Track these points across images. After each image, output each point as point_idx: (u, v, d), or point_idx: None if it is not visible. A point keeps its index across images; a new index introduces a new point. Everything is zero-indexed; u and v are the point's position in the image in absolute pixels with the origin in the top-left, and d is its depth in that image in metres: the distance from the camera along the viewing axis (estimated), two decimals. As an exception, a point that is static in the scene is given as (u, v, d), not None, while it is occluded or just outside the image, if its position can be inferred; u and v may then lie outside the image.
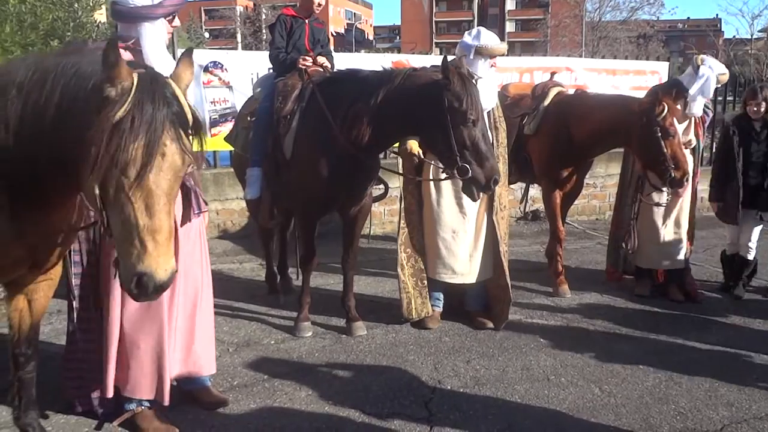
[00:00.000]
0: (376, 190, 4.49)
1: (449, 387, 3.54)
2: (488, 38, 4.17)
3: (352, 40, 53.16)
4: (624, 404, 3.39)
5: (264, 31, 52.34)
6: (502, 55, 4.32)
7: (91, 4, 6.93)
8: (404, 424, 3.15)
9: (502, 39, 4.63)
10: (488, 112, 4.20)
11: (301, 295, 4.32)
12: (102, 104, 1.84)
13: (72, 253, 2.86)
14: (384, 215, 7.22)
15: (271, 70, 6.88)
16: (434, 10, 72.66)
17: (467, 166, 3.50)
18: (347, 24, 69.15)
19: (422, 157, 4.11)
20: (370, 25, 74.63)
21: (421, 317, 4.35)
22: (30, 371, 2.77)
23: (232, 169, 6.71)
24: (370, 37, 72.91)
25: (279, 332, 4.29)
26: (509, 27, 63.94)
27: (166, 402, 2.97)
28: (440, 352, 3.97)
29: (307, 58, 4.28)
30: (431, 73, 3.68)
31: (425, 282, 4.40)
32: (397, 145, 4.32)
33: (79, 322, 2.98)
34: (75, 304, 2.94)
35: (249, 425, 3.13)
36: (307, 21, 4.56)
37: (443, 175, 3.90)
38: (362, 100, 3.75)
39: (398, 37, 71.51)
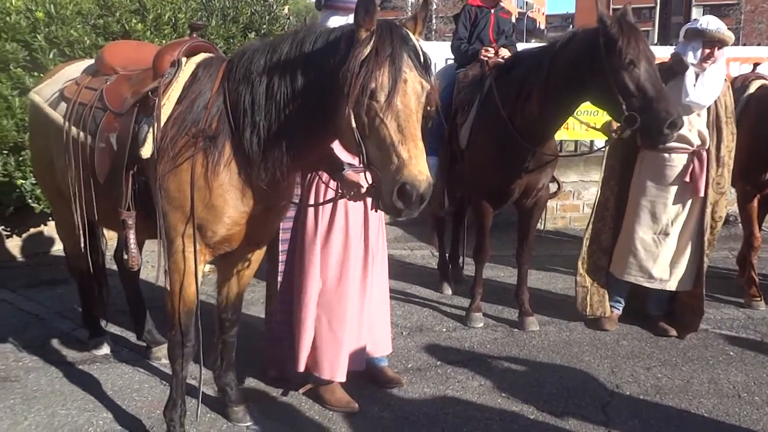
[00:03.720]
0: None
1: (628, 392, 3.39)
2: (710, 22, 3.85)
3: (523, 29, 51.92)
4: (832, 433, 3.06)
5: (434, 21, 52.93)
6: (725, 43, 3.83)
7: (282, -1, 7.33)
8: (580, 425, 3.06)
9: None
10: (708, 109, 3.91)
11: (473, 286, 4.34)
12: (350, 48, 2.11)
13: (282, 231, 3.09)
14: (556, 210, 7.03)
15: (449, 61, 6.98)
16: (612, -3, 69.21)
17: (635, 114, 3.25)
18: (519, 13, 67.54)
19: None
20: (543, 14, 72.41)
21: (596, 315, 4.20)
22: (233, 335, 3.05)
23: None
24: (542, 26, 70.81)
25: (450, 320, 4.34)
26: (695, 13, 59.16)
27: (340, 379, 3.13)
28: (618, 356, 3.81)
29: (489, 49, 4.27)
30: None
31: (606, 281, 4.23)
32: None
33: (281, 295, 3.20)
34: (279, 278, 3.16)
35: (423, 408, 3.21)
36: (492, 11, 4.53)
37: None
38: (529, 78, 3.70)
39: (571, 26, 68.79)
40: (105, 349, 3.78)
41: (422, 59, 2.12)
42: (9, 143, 4.92)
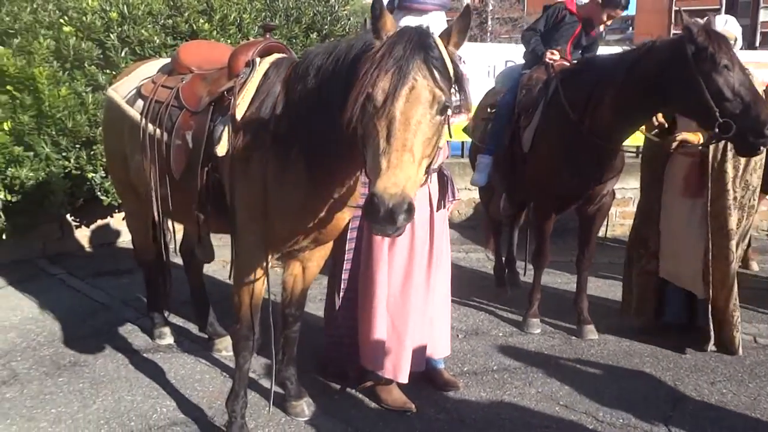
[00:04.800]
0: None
1: (691, 407, 3.30)
2: (719, 22, 3.78)
3: (581, 31, 51.01)
4: None
5: (489, 23, 52.36)
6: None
7: (344, -1, 7.40)
8: (641, 438, 3.01)
9: (754, 30, 4.11)
10: None
11: (531, 291, 4.30)
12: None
13: (349, 230, 3.12)
14: (615, 217, 6.90)
15: (508, 63, 6.93)
16: (674, -1, 67.42)
17: (729, 120, 3.15)
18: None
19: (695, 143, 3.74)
20: (601, 16, 71.06)
21: (640, 321, 4.12)
22: (295, 331, 3.11)
23: (459, 160, 6.88)
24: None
25: (507, 325, 4.31)
26: (763, 16, 57.03)
27: (402, 380, 3.13)
28: (680, 368, 3.72)
29: (554, 52, 4.21)
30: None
31: (653, 286, 4.12)
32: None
33: (345, 293, 3.23)
34: (344, 276, 3.20)
35: (479, 412, 3.20)
36: (581, 24, 4.45)
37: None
38: (602, 84, 3.63)
39: (631, 29, 67.28)
40: (168, 339, 3.89)
41: (448, 71, 1.97)
42: (82, 138, 5.12)
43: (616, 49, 5.57)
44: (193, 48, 3.32)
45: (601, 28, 4.51)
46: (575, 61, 4.26)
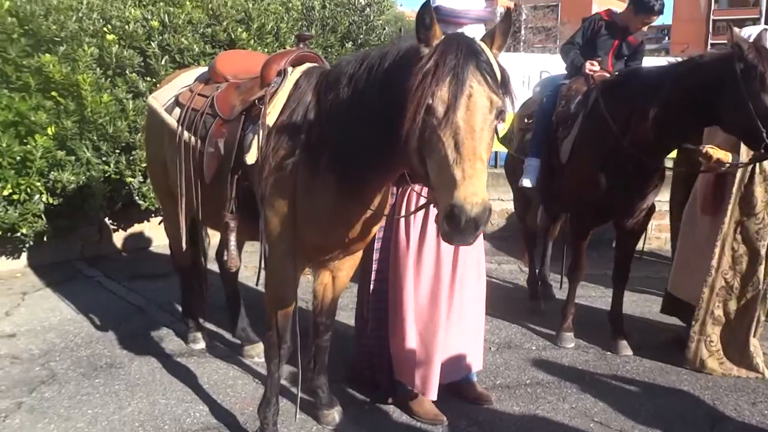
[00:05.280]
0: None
1: (731, 428, 3.22)
2: (752, 31, 3.70)
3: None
4: None
5: (523, 32, 52.10)
6: None
7: (380, 8, 7.45)
8: (678, 458, 2.94)
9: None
10: None
11: (565, 304, 4.24)
12: (416, 63, 1.98)
13: (375, 240, 3.13)
14: (652, 230, 6.78)
15: (543, 73, 6.89)
16: (713, 8, 66.18)
17: None
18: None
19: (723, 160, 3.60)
20: (637, 26, 70.12)
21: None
22: (327, 340, 3.11)
23: (493, 170, 6.84)
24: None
25: (540, 338, 4.26)
26: (805, 27, 55.62)
27: (431, 397, 3.10)
28: (719, 387, 3.63)
29: (594, 62, 4.17)
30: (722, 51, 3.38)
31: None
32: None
33: (372, 304, 3.22)
34: (371, 286, 3.19)
35: (511, 426, 3.16)
36: (619, 33, 4.41)
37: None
38: (645, 98, 3.56)
39: (667, 38, 66.35)
40: (201, 344, 3.93)
41: (497, 74, 1.97)
42: (122, 143, 5.23)
43: (653, 60, 5.52)
44: (229, 57, 3.37)
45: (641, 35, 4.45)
46: (617, 73, 4.20)
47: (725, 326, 3.79)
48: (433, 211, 2.88)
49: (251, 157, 2.61)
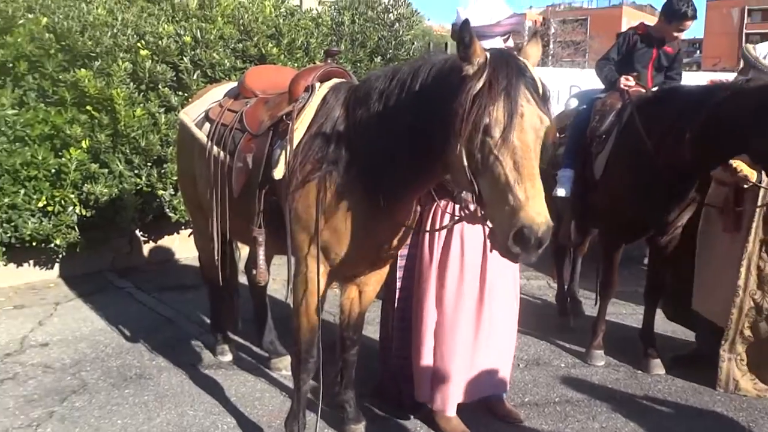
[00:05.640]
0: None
1: (767, 451, 3.15)
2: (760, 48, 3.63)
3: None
4: None
5: (551, 46, 51.94)
6: None
7: (409, 23, 7.49)
8: (712, 482, 2.87)
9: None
10: None
11: (595, 321, 4.18)
12: (461, 81, 2.01)
13: (399, 257, 3.12)
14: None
15: (573, 88, 6.84)
16: (745, 21, 65.30)
17: None
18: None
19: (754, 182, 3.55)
20: (668, 40, 69.35)
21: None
22: (354, 354, 3.10)
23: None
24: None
25: (569, 356, 4.21)
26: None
27: (450, 413, 3.09)
28: (755, 409, 3.53)
29: (630, 78, 4.13)
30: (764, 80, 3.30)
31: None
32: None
33: (396, 322, 3.22)
34: (396, 303, 3.18)
35: (540, 445, 3.13)
36: (655, 45, 4.37)
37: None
38: (683, 118, 3.47)
39: (698, 52, 65.54)
40: (229, 356, 3.96)
41: (541, 91, 2.01)
42: (153, 156, 5.32)
43: (686, 75, 5.43)
44: (258, 73, 3.40)
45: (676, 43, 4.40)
46: (654, 89, 4.14)
47: (755, 346, 3.69)
48: (469, 228, 2.90)
49: (279, 172, 2.64)
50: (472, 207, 2.63)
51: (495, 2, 2.88)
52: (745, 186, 3.50)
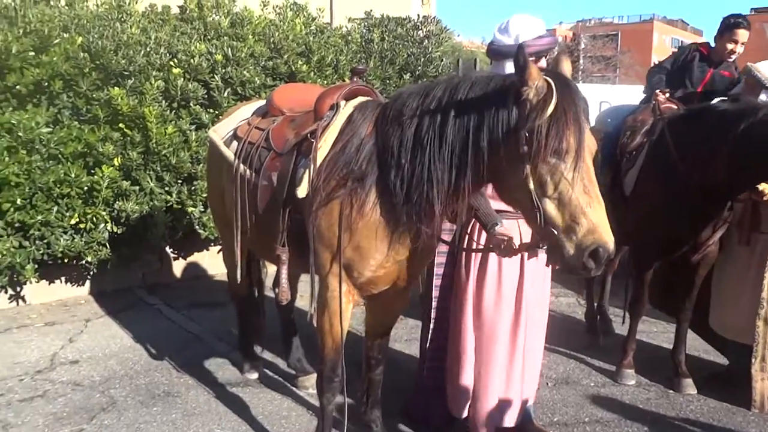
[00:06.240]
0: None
1: (806, 477, 3.04)
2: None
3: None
4: None
5: (581, 61, 51.67)
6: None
7: (438, 40, 7.50)
8: (749, 508, 2.77)
9: None
10: None
11: (626, 340, 4.10)
12: (520, 104, 2.08)
13: (435, 266, 3.09)
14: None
15: (603, 104, 6.78)
16: (780, 35, 64.19)
17: None
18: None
19: None
20: (700, 54, 68.34)
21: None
22: (379, 373, 3.08)
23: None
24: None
25: (599, 375, 4.13)
26: None
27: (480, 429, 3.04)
28: (792, 432, 3.43)
29: (666, 91, 4.08)
30: None
31: None
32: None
33: (432, 342, 3.18)
34: (431, 324, 3.16)
35: (569, 467, 3.06)
36: (712, 66, 4.32)
37: None
38: (715, 138, 3.39)
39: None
40: (256, 374, 3.96)
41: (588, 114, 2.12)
42: (184, 173, 5.39)
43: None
44: (286, 91, 3.42)
45: (732, 62, 4.34)
46: (685, 107, 4.07)
47: None
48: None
49: (302, 191, 2.64)
50: (501, 240, 2.61)
51: (532, 21, 2.87)
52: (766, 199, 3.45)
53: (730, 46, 4.26)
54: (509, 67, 2.81)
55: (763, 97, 3.67)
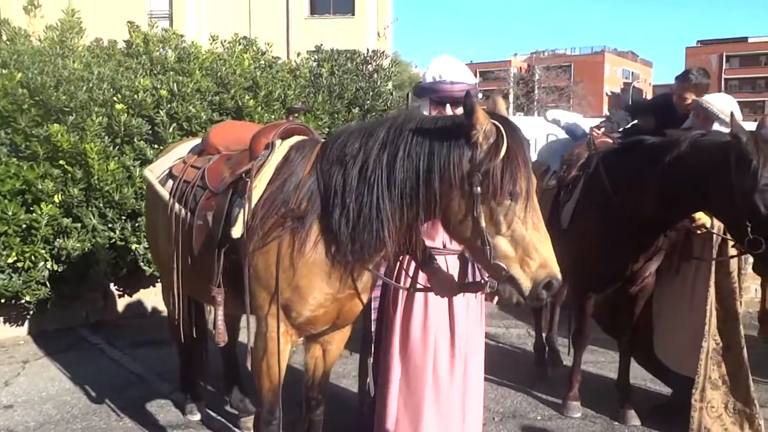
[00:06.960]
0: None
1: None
2: (716, 100, 3.78)
3: (629, 100, 50.99)
4: None
5: (536, 92, 52.85)
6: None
7: (387, 74, 7.58)
8: None
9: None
10: None
11: (571, 372, 4.13)
12: (471, 146, 2.16)
13: (372, 300, 3.03)
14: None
15: (550, 137, 6.92)
16: (724, 67, 66.81)
17: (760, 239, 2.99)
18: (624, 83, 66.69)
19: (708, 229, 3.60)
20: (649, 84, 70.77)
21: None
22: (319, 414, 3.02)
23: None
24: (649, 97, 69.29)
25: (545, 408, 4.14)
26: None
27: None
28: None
29: (602, 126, 4.19)
30: (722, 136, 3.32)
31: None
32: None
33: (374, 366, 3.12)
34: (370, 359, 3.11)
35: (513, 504, 3.04)
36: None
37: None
38: (645, 171, 3.47)
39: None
40: (198, 415, 3.87)
41: None
42: (127, 210, 5.29)
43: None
44: (222, 129, 3.38)
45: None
46: (619, 140, 4.18)
47: (723, 389, 3.70)
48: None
49: (237, 231, 2.60)
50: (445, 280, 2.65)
51: (454, 64, 2.93)
52: (698, 232, 3.60)
53: (685, 94, 4.31)
54: (426, 105, 2.88)
55: (716, 127, 3.75)
